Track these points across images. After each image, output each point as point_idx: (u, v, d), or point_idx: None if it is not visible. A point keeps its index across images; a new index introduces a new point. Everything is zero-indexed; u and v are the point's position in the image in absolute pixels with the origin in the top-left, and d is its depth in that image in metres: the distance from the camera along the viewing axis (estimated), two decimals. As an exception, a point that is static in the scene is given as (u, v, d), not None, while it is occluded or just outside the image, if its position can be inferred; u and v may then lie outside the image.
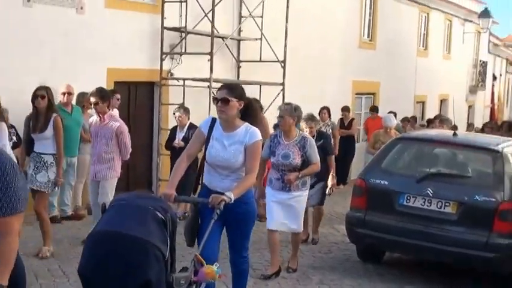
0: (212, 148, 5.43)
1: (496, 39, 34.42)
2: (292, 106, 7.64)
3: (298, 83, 14.84)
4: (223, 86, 5.60)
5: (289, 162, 7.45)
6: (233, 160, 5.35)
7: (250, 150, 5.37)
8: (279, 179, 7.56)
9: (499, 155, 7.74)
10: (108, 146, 8.23)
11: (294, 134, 7.60)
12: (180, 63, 12.35)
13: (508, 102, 42.05)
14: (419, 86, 22.27)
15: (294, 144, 7.52)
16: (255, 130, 5.43)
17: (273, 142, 7.65)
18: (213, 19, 11.85)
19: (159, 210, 4.04)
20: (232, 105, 5.32)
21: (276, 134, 7.78)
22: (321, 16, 16.37)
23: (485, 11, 25.85)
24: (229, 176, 5.42)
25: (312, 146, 7.58)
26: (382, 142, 11.46)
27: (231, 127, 5.42)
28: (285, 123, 7.52)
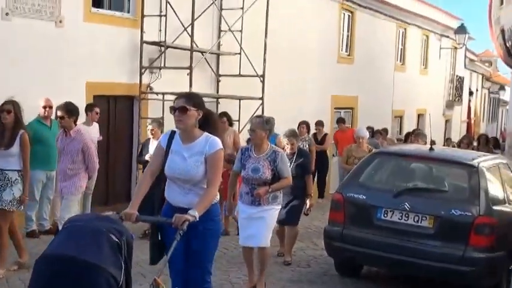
0: (171, 161, 5.21)
1: (472, 54, 34.85)
2: (264, 119, 7.50)
3: (277, 97, 14.91)
4: (181, 94, 5.44)
5: (259, 176, 7.24)
6: (194, 172, 5.11)
7: (211, 160, 5.12)
8: (248, 193, 7.36)
9: (475, 169, 7.85)
10: (74, 162, 8.08)
11: (266, 147, 7.38)
12: (160, 77, 12.37)
13: (484, 117, 42.53)
14: (397, 100, 22.47)
15: (265, 158, 7.31)
16: (216, 139, 5.21)
17: (244, 155, 7.45)
18: (192, 33, 11.91)
19: (114, 233, 3.85)
20: (191, 115, 5.12)
21: (247, 147, 7.60)
22: (300, 31, 16.49)
23: (461, 27, 26.19)
24: (192, 189, 5.16)
25: (283, 160, 7.37)
26: (355, 157, 11.56)
27: (190, 138, 5.20)
28: (256, 136, 7.33)
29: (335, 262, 8.67)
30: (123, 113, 12.28)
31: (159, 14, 12.24)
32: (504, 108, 45.18)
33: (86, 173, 8.25)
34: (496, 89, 44.82)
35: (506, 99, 38.93)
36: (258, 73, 13.71)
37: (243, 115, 13.35)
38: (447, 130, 29.79)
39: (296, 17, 16.25)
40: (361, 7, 19.67)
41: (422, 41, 25.67)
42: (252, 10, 13.55)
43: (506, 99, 39.22)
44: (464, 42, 26.51)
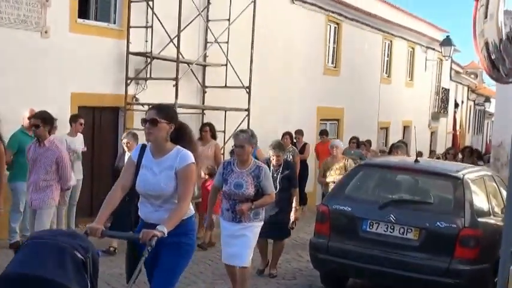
0: (142, 177, 5.03)
1: (458, 66, 35.07)
2: (250, 133, 7.26)
3: (263, 109, 14.95)
4: (153, 106, 5.22)
5: (241, 192, 6.98)
6: (164, 188, 4.92)
7: (181, 174, 4.91)
8: (228, 209, 7.11)
9: (460, 181, 7.88)
10: (48, 173, 7.85)
11: (249, 162, 7.16)
12: (145, 88, 12.37)
13: (470, 128, 42.73)
14: (382, 112, 22.57)
15: (248, 173, 7.07)
16: (187, 153, 4.99)
17: (226, 169, 7.18)
18: (178, 44, 11.91)
19: (79, 250, 3.72)
20: (161, 127, 4.94)
21: (230, 161, 7.34)
22: (286, 42, 16.55)
23: (447, 39, 26.35)
24: (163, 206, 4.97)
25: (266, 176, 7.13)
26: (332, 169, 11.52)
27: (161, 152, 5.02)
28: (245, 152, 7.08)
29: (320, 274, 8.66)
30: (108, 124, 12.25)
31: (145, 25, 12.25)
32: (489, 120, 45.43)
33: (59, 184, 8.01)
34: (482, 101, 45.09)
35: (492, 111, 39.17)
36: (244, 84, 13.73)
37: (228, 127, 13.36)
38: (433, 142, 29.93)
39: (282, 28, 16.31)
40: (347, 19, 19.77)
41: (408, 53, 25.83)
42: (238, 22, 13.59)
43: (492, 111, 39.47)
44: (450, 55, 26.67)
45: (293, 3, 16.87)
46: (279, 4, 16.25)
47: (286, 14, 16.61)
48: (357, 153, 15.09)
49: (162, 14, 12.05)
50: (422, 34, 26.38)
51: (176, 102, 11.77)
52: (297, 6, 17.04)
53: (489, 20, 4.54)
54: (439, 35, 28.50)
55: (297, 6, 17.06)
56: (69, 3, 10.91)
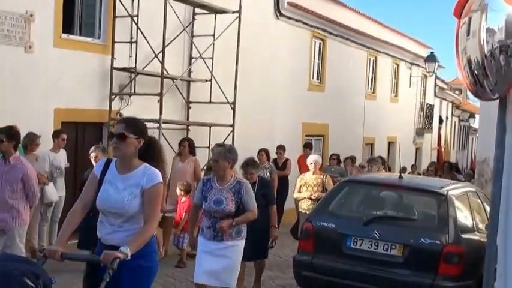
0: (103, 192, 4.70)
1: (442, 82, 35.31)
2: (226, 148, 7.06)
3: (248, 124, 14.96)
4: (121, 120, 4.95)
5: (221, 208, 6.77)
6: (127, 206, 4.61)
7: (148, 194, 4.62)
8: (210, 227, 6.86)
9: (444, 198, 7.90)
10: (14, 192, 7.53)
11: (229, 178, 6.94)
12: (130, 103, 12.33)
13: (455, 144, 42.95)
14: (367, 128, 22.64)
15: (228, 189, 6.87)
16: (155, 171, 4.70)
17: (206, 186, 6.97)
18: (163, 60, 11.91)
19: (29, 276, 3.51)
20: (130, 142, 4.64)
21: (209, 178, 7.10)
22: (271, 58, 16.59)
23: (431, 56, 26.53)
24: (123, 225, 4.66)
25: (248, 192, 6.94)
26: (308, 185, 11.18)
27: (127, 168, 4.72)
28: (219, 167, 6.88)
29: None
30: (92, 140, 12.15)
31: (129, 41, 12.25)
32: (474, 136, 45.75)
33: (27, 202, 7.70)
34: (466, 117, 45.42)
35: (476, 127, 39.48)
36: (228, 100, 13.74)
37: (213, 142, 13.27)
38: (418, 158, 30.04)
39: (267, 44, 16.36)
40: (332, 35, 19.87)
41: (392, 69, 25.98)
42: (223, 37, 13.62)
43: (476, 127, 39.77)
44: (434, 71, 26.85)
45: (278, 19, 16.93)
46: (264, 20, 16.31)
47: (271, 29, 16.67)
48: (338, 170, 15.04)
49: (146, 29, 12.05)
50: (407, 50, 26.56)
51: (160, 117, 11.76)
52: (282, 22, 17.11)
53: (471, 38, 4.57)
54: (424, 52, 28.71)
55: (282, 22, 17.13)
56: (53, 18, 10.88)
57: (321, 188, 10.99)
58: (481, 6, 4.40)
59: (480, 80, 4.54)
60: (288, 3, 16.96)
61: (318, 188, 11.05)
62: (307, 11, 17.87)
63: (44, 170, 9.94)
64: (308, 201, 11.11)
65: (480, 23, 4.38)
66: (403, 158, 12.93)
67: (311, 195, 11.01)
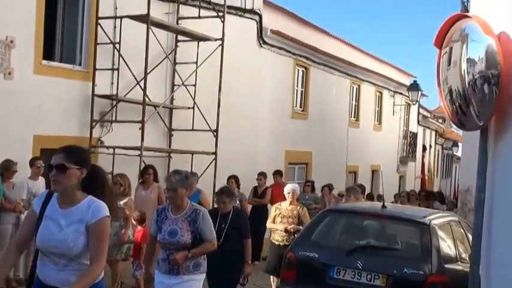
0: (44, 230, 4.23)
1: (425, 111, 35.57)
2: (183, 175, 6.47)
3: (231, 152, 14.94)
4: (61, 149, 4.36)
5: (176, 240, 6.27)
6: (71, 244, 4.15)
7: (94, 230, 4.18)
8: (165, 259, 6.40)
9: (426, 227, 7.92)
10: None
11: (185, 206, 6.43)
12: (111, 131, 12.30)
13: (438, 173, 43.13)
14: (351, 156, 22.71)
15: (183, 218, 6.35)
16: (100, 204, 4.27)
17: (160, 216, 6.48)
18: (145, 87, 11.91)
19: None
20: (71, 174, 4.20)
21: (164, 207, 6.60)
22: (254, 86, 16.64)
23: (414, 84, 26.75)
24: (68, 266, 4.20)
25: (205, 220, 6.40)
26: (283, 215, 10.34)
27: (70, 201, 4.27)
28: (177, 196, 6.35)
29: (287, 322, 8.57)
30: (72, 167, 12.08)
31: (111, 68, 12.25)
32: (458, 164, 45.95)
33: None
34: (450, 145, 45.67)
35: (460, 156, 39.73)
36: (211, 128, 13.74)
37: (195, 170, 13.24)
38: (401, 186, 30.11)
39: (250, 71, 16.42)
40: (315, 63, 19.99)
41: (376, 97, 26.16)
42: (205, 65, 13.67)
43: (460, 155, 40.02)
44: (417, 99, 27.07)
45: (261, 46, 17.02)
46: (247, 47, 16.39)
47: (254, 57, 16.76)
48: (312, 198, 14.85)
49: (128, 56, 12.07)
50: (390, 79, 26.78)
51: (142, 145, 11.74)
52: (265, 50, 17.20)
53: (452, 68, 4.62)
54: (407, 80, 29.00)
55: (265, 50, 17.22)
56: (34, 45, 10.87)
57: (296, 220, 10.21)
58: (461, 37, 4.46)
59: (463, 109, 4.58)
60: (271, 31, 17.07)
61: (294, 220, 10.23)
62: (290, 39, 18.00)
63: (21, 198, 9.87)
64: (282, 232, 10.25)
65: (461, 53, 4.43)
66: (386, 187, 12.94)
67: (287, 228, 10.17)
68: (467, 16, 4.57)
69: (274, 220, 10.43)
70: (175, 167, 12.98)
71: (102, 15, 11.95)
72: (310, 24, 20.10)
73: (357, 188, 12.29)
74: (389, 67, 27.61)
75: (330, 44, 21.19)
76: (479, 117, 4.39)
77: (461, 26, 4.51)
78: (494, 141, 4.50)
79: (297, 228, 10.01)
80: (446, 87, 4.78)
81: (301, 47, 18.81)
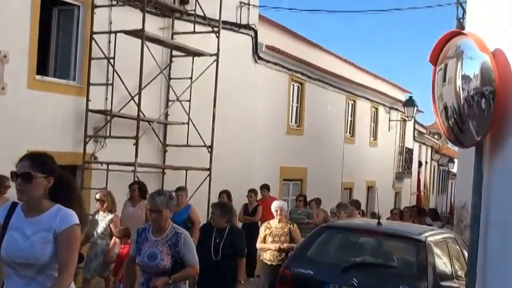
0: (9, 240, 4.00)
1: (421, 127, 35.65)
2: (168, 196, 6.15)
3: (225, 168, 14.94)
4: (25, 156, 4.17)
5: (155, 264, 5.93)
6: (38, 254, 3.92)
7: (62, 238, 3.96)
8: (143, 284, 6.06)
9: (422, 244, 7.91)
10: None
11: (166, 228, 6.07)
12: (105, 146, 12.30)
13: (434, 189, 43.17)
14: (346, 172, 22.75)
15: (164, 241, 5.99)
16: (69, 212, 4.05)
17: (140, 237, 6.14)
18: (139, 102, 11.93)
19: None
20: (38, 183, 4.00)
21: (145, 228, 6.25)
22: (249, 101, 16.69)
23: (409, 100, 26.80)
24: (35, 279, 3.97)
25: (187, 245, 6.02)
26: (274, 234, 9.88)
27: (36, 210, 4.05)
28: (161, 218, 6.00)
29: None
30: (65, 183, 12.05)
31: (105, 83, 12.28)
32: (454, 181, 46.01)
33: None
34: (445, 161, 45.76)
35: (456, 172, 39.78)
36: (206, 143, 13.75)
37: (189, 186, 13.23)
38: (397, 202, 30.12)
39: (245, 87, 16.47)
40: (310, 79, 20.08)
41: (371, 113, 26.25)
42: (200, 80, 13.70)
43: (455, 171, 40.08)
44: (413, 115, 27.12)
45: (256, 62, 17.09)
46: (242, 63, 16.45)
47: (249, 72, 16.81)
48: (305, 213, 14.68)
49: (123, 71, 12.10)
50: (386, 95, 26.89)
51: (136, 161, 11.74)
52: (260, 65, 17.26)
53: (447, 84, 4.65)
54: (402, 96, 29.10)
55: (260, 65, 17.29)
56: (27, 59, 10.90)
57: (288, 237, 9.80)
58: (456, 54, 4.50)
59: (458, 126, 4.60)
60: (267, 46, 17.15)
61: (286, 237, 9.81)
62: (285, 54, 18.09)
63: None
64: (274, 252, 9.80)
65: (456, 70, 4.46)
66: (382, 203, 12.95)
67: (281, 246, 9.73)
68: (462, 33, 4.62)
69: (265, 239, 9.95)
70: (169, 183, 13.07)
71: (97, 30, 12.00)
72: (305, 40, 20.22)
73: (347, 205, 12.14)
74: (384, 83, 27.75)
75: (326, 59, 21.30)
76: (474, 134, 4.42)
77: (456, 42, 4.56)
78: (490, 157, 4.52)
79: (290, 246, 9.71)
80: (441, 103, 4.81)
81: (296, 63, 18.89)
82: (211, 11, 14.20)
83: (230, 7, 15.66)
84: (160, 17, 13.73)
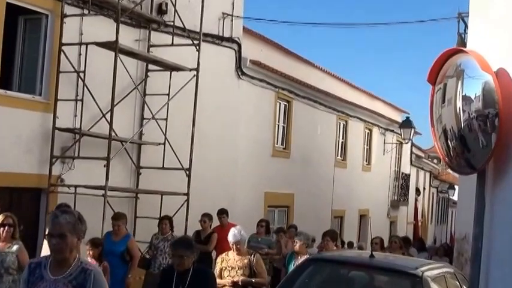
0: None
1: (419, 150, 35.75)
2: (76, 216, 4.98)
3: (205, 193, 14.89)
4: None
5: None
6: None
7: None
8: None
9: (419, 280, 7.90)
10: None
11: (71, 262, 4.83)
12: (73, 168, 12.24)
13: (433, 218, 43.17)
14: (337, 199, 22.74)
15: (67, 281, 4.78)
16: None
17: (33, 275, 4.90)
18: (111, 120, 11.90)
19: None
20: None
21: (40, 262, 4.99)
22: (231, 121, 16.70)
23: (406, 121, 26.86)
24: None
25: (98, 284, 4.85)
26: (232, 267, 9.19)
27: None
28: (65, 246, 4.76)
29: None
30: (28, 207, 11.99)
31: (74, 98, 12.24)
32: (454, 209, 46.10)
33: None
34: (445, 188, 45.82)
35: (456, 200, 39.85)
36: (183, 166, 13.72)
37: (165, 213, 13.15)
38: (392, 233, 30.08)
39: (227, 105, 16.48)
40: (298, 97, 20.13)
41: (364, 135, 26.32)
42: (178, 97, 13.69)
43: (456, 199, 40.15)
44: (410, 137, 27.15)
45: (240, 78, 17.12)
46: (224, 79, 16.47)
47: (232, 89, 16.84)
48: (265, 241, 13.69)
49: (94, 86, 12.09)
50: (380, 115, 26.99)
51: (106, 184, 11.68)
52: (244, 82, 17.29)
53: (447, 106, 4.67)
54: (399, 116, 29.22)
55: (244, 82, 17.32)
56: (-11, 72, 10.88)
57: (248, 271, 9.10)
58: (456, 73, 4.52)
59: (458, 151, 4.61)
60: (251, 61, 17.20)
61: (245, 271, 9.11)
62: (271, 70, 18.14)
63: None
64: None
65: (456, 90, 4.48)
66: (375, 233, 12.90)
67: (234, 280, 9.08)
68: (463, 50, 4.64)
69: (221, 274, 9.20)
70: (143, 208, 13.03)
71: (66, 41, 12.00)
72: (293, 55, 20.30)
73: (305, 233, 11.09)
74: (379, 102, 27.86)
75: (315, 76, 21.38)
76: (475, 160, 4.43)
77: (456, 61, 4.58)
78: (493, 186, 4.53)
79: (247, 280, 9.04)
80: (440, 126, 4.82)
81: (283, 79, 18.94)
82: (192, 22, 14.25)
83: (212, 18, 15.71)
84: (136, 28, 13.76)
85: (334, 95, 22.12)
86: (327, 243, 11.28)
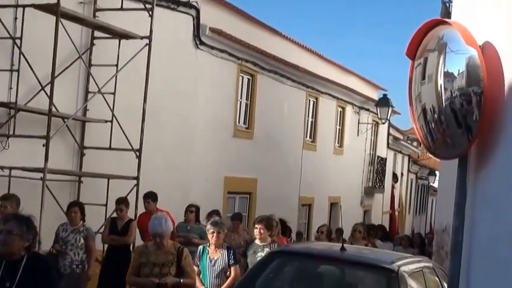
0: None
1: (397, 131, 35.93)
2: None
3: (157, 177, 14.87)
4: None
5: None
6: None
7: None
8: None
9: (394, 275, 7.98)
10: None
11: None
12: (7, 147, 12.14)
13: (411, 207, 43.46)
14: (305, 185, 22.83)
15: None
16: None
17: None
18: (51, 94, 11.81)
19: None
20: None
21: None
22: (188, 97, 16.65)
23: (384, 99, 27.00)
24: None
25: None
26: (154, 263, 8.35)
27: None
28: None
29: None
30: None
31: (9, 69, 12.13)
32: (435, 198, 46.44)
33: None
34: (425, 174, 46.18)
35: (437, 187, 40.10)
36: (133, 147, 13.68)
37: (112, 199, 13.16)
38: (366, 223, 30.26)
39: (184, 78, 16.43)
40: (263, 70, 20.13)
41: (337, 114, 26.40)
42: (128, 68, 13.64)
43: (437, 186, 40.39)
44: (387, 117, 27.27)
45: (198, 48, 17.05)
46: (180, 49, 16.42)
47: (189, 61, 16.78)
48: (196, 230, 12.91)
49: (32, 55, 12.00)
50: (355, 91, 27.05)
51: (45, 166, 11.61)
52: (202, 52, 17.25)
53: (427, 83, 4.69)
54: (375, 94, 29.32)
55: (203, 52, 17.27)
56: None
57: (174, 269, 8.33)
58: (438, 46, 4.53)
59: (438, 133, 4.64)
60: (211, 29, 17.15)
61: (171, 268, 8.33)
62: (234, 39, 18.10)
63: None
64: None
65: (437, 65, 4.49)
66: (347, 223, 12.95)
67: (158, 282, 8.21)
68: (445, 22, 4.65)
69: (140, 271, 8.43)
70: (86, 193, 12.98)
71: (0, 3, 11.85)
72: (259, 23, 20.28)
73: (220, 224, 9.92)
74: (354, 77, 27.91)
75: (283, 47, 21.37)
76: (457, 143, 4.47)
77: (438, 33, 4.59)
78: (475, 172, 4.57)
79: (173, 281, 8.29)
80: (419, 105, 4.84)
81: (247, 50, 18.93)
82: (144, -17, 14.18)
83: (167, -21, 15.64)
84: (81, -11, 13.65)
85: (303, 68, 22.12)
86: None
